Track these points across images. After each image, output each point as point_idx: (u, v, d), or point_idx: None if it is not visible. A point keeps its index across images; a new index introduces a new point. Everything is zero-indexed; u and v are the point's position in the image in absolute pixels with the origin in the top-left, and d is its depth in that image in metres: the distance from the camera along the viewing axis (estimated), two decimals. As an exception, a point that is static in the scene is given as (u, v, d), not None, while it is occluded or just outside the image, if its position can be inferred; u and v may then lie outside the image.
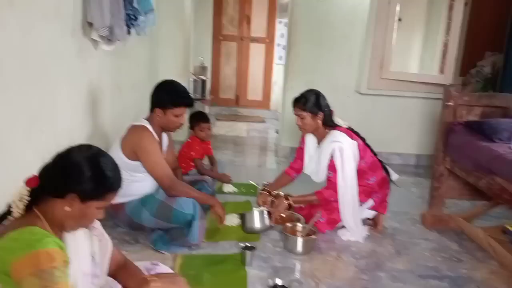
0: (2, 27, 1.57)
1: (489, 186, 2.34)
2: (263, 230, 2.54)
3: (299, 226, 2.51)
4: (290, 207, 2.64)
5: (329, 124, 2.64)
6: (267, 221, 2.54)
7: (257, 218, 2.52)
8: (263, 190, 2.80)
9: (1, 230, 1.12)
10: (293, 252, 2.34)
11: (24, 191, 1.14)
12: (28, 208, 1.16)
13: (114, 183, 1.23)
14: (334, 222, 2.62)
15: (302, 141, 2.83)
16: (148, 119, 2.38)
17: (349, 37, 4.33)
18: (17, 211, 1.14)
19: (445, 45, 4.33)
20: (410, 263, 2.35)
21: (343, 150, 2.52)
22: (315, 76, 4.29)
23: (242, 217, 2.56)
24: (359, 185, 2.59)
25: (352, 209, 2.55)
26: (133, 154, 2.27)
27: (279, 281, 1.88)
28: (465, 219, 2.78)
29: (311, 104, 2.60)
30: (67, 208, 1.16)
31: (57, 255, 1.07)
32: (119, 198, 2.26)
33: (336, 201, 2.57)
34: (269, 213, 2.58)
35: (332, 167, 2.56)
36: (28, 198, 1.14)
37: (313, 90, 2.68)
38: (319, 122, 2.62)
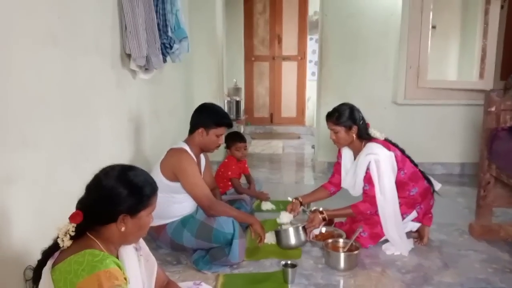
0: (46, 63, 1.69)
1: (540, 193, 2.22)
2: (299, 246, 2.52)
3: (341, 241, 2.47)
4: (324, 220, 2.61)
5: (365, 137, 2.61)
6: (302, 237, 2.50)
7: (292, 234, 2.48)
8: (295, 198, 2.79)
9: (60, 257, 1.18)
10: (335, 269, 2.30)
11: (70, 226, 1.19)
12: (80, 233, 1.21)
13: (150, 187, 1.29)
14: (377, 237, 2.56)
15: (339, 155, 2.81)
16: (187, 142, 2.46)
17: (383, 49, 4.29)
18: (65, 245, 1.18)
19: (483, 50, 4.20)
20: (460, 276, 2.25)
21: (379, 162, 2.48)
22: (349, 90, 4.26)
23: (277, 234, 2.53)
24: (400, 197, 2.53)
25: (395, 222, 2.49)
26: (173, 175, 2.34)
27: (322, 298, 1.85)
28: (516, 228, 2.65)
29: (344, 118, 2.58)
30: (123, 229, 1.22)
31: (118, 274, 1.13)
32: (161, 220, 2.37)
33: (374, 214, 2.53)
34: (304, 228, 2.54)
35: (368, 180, 2.53)
36: (74, 233, 1.19)
37: (347, 103, 2.67)
38: (354, 135, 2.60)
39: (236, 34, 6.72)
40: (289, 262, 2.21)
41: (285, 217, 2.66)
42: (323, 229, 2.67)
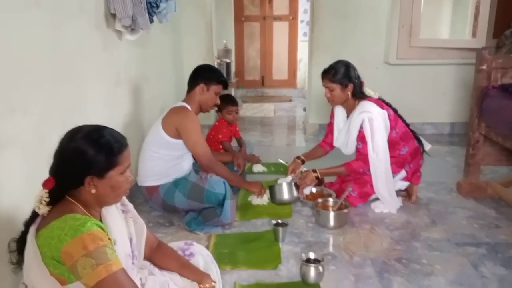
0: (30, 27, 1.63)
1: (527, 150, 2.25)
2: (291, 202, 2.61)
3: (331, 201, 2.51)
4: (317, 179, 2.64)
5: (359, 95, 2.59)
6: (295, 193, 2.59)
7: (286, 190, 2.59)
8: (297, 158, 2.81)
9: (42, 222, 1.17)
10: (325, 227, 2.35)
11: (43, 193, 1.17)
12: (60, 198, 1.20)
13: (118, 145, 1.21)
14: (366, 195, 2.60)
15: (332, 115, 2.80)
16: (186, 101, 2.50)
17: (375, 7, 4.20)
18: (42, 212, 1.17)
19: (477, 8, 4.13)
20: (447, 232, 2.31)
21: (372, 120, 2.48)
22: (341, 50, 4.19)
23: (271, 189, 2.61)
24: (391, 156, 2.54)
25: (386, 180, 2.52)
26: (175, 132, 2.38)
27: (312, 255, 1.89)
28: (503, 185, 2.70)
29: (340, 76, 2.56)
30: (93, 191, 1.19)
31: (102, 235, 1.12)
32: (154, 181, 2.39)
33: (366, 172, 2.55)
34: (297, 186, 2.61)
35: (361, 138, 2.53)
36: (48, 200, 1.17)
37: (343, 61, 2.63)
38: (349, 94, 2.58)
39: (225, -7, 6.51)
40: (280, 221, 2.25)
41: (286, 180, 2.69)
42: (314, 189, 2.70)
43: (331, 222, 2.33)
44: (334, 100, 2.62)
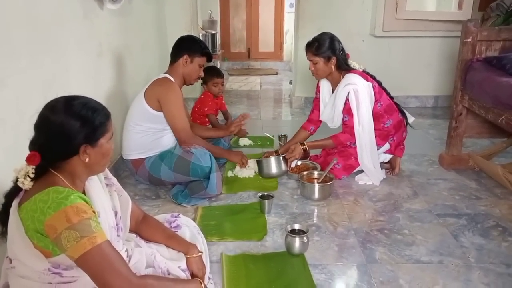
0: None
1: (509, 122, 2.28)
2: (279, 175, 2.63)
3: (316, 173, 2.54)
4: (305, 152, 2.64)
5: (344, 68, 2.58)
6: (283, 166, 2.60)
7: (273, 163, 2.60)
8: (275, 151, 2.81)
9: (25, 196, 1.16)
10: (310, 199, 2.38)
11: (29, 168, 1.15)
12: (43, 172, 1.19)
13: (103, 113, 1.23)
14: (351, 168, 2.63)
15: (318, 90, 2.79)
16: (169, 73, 2.45)
17: (361, -21, 4.14)
18: (26, 187, 1.16)
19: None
20: (428, 203, 2.36)
21: (358, 92, 2.48)
22: (327, 22, 4.15)
23: (259, 163, 2.62)
24: (376, 129, 2.57)
25: (370, 152, 2.55)
26: (157, 104, 2.34)
27: (297, 226, 1.92)
28: (484, 157, 2.76)
29: (324, 49, 2.53)
30: (87, 159, 1.19)
31: (86, 207, 1.12)
32: (140, 154, 2.38)
33: (352, 145, 2.57)
34: (285, 159, 2.62)
35: (347, 111, 2.54)
36: (33, 175, 1.15)
37: (327, 33, 2.60)
38: (332, 67, 2.56)
39: (210, -37, 6.33)
40: (266, 193, 2.27)
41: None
42: (299, 162, 2.72)
43: (316, 194, 2.37)
44: (318, 73, 2.61)
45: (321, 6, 4.18)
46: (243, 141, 3.30)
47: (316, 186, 2.38)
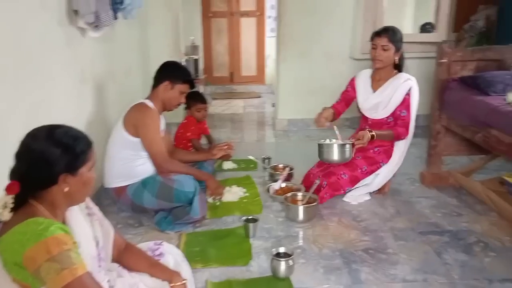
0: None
1: (485, 140, 2.35)
2: (341, 162, 2.55)
3: (300, 195, 2.55)
4: (372, 138, 2.51)
5: (399, 67, 2.66)
6: (347, 154, 2.49)
7: (336, 150, 2.49)
8: (327, 107, 2.72)
9: (4, 228, 1.14)
10: (295, 221, 2.38)
11: (8, 198, 1.14)
12: (22, 202, 1.17)
13: (84, 141, 1.22)
14: (356, 180, 2.63)
15: (351, 84, 2.81)
16: (150, 98, 2.45)
17: (340, 3, 4.26)
18: (5, 218, 1.14)
19: (437, 2, 4.26)
20: (411, 221, 2.39)
21: (416, 91, 2.60)
22: (308, 45, 4.25)
23: (320, 147, 2.55)
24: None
25: (401, 154, 2.68)
26: (134, 130, 2.33)
27: (282, 249, 1.92)
28: (463, 174, 2.82)
29: (398, 38, 2.59)
30: (66, 189, 1.18)
31: (66, 239, 1.10)
32: (122, 181, 2.35)
33: (375, 149, 2.68)
34: (352, 145, 2.50)
35: (406, 106, 2.60)
36: (12, 205, 1.14)
37: (395, 26, 2.66)
38: (396, 59, 2.61)
39: (192, -11, 6.44)
40: (250, 217, 2.27)
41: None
42: (283, 184, 2.74)
43: (300, 216, 2.37)
44: (384, 60, 2.59)
45: (301, 30, 4.27)
46: (227, 165, 3.30)
47: (301, 208, 2.38)
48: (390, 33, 2.57)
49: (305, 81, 4.32)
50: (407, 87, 2.58)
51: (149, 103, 2.40)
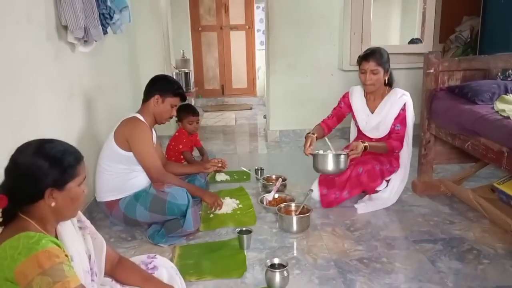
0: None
1: (474, 148, 2.38)
2: (336, 173, 2.56)
3: (293, 205, 2.55)
4: (365, 149, 2.56)
5: (390, 83, 2.71)
6: (342, 164, 2.51)
7: (330, 161, 2.50)
8: (311, 133, 2.68)
9: None
10: (289, 231, 2.38)
11: None
12: (13, 216, 1.16)
13: (73, 156, 1.21)
14: (382, 176, 2.70)
15: (344, 101, 2.83)
16: (140, 112, 2.45)
17: (328, 15, 4.32)
18: None
19: (423, 14, 4.34)
20: (404, 230, 2.40)
21: (410, 105, 2.65)
22: (297, 57, 4.30)
23: (315, 157, 2.55)
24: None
25: (405, 168, 2.73)
26: (126, 144, 2.32)
27: (276, 260, 1.91)
28: (454, 182, 2.84)
29: (386, 59, 2.61)
30: (53, 204, 1.16)
31: (58, 252, 1.09)
32: (114, 195, 2.33)
33: (397, 153, 2.71)
34: (347, 156, 2.53)
35: (401, 120, 2.65)
36: (1, 219, 1.13)
37: (380, 47, 2.69)
38: (386, 79, 2.65)
39: (181, 3, 6.47)
40: (244, 228, 2.26)
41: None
42: (276, 195, 2.74)
43: (294, 227, 2.37)
44: (376, 84, 2.63)
45: (290, 43, 4.32)
46: (220, 177, 3.29)
47: (294, 218, 2.38)
48: (377, 56, 2.60)
49: (295, 93, 4.35)
50: (402, 103, 2.64)
51: (140, 117, 2.40)
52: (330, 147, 2.58)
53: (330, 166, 2.51)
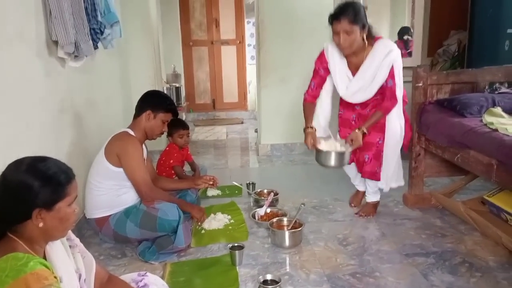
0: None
1: (464, 160, 2.39)
2: (339, 167, 2.61)
3: (285, 220, 2.54)
4: (364, 135, 2.47)
5: (371, 36, 2.38)
6: (346, 159, 2.53)
7: (334, 157, 2.48)
8: (308, 127, 2.57)
9: None
10: (281, 247, 2.36)
11: None
12: (1, 235, 1.14)
13: (65, 175, 1.18)
14: (380, 155, 2.59)
15: (321, 66, 2.56)
16: (131, 127, 2.44)
17: (318, 29, 4.34)
18: None
19: (411, 27, 4.42)
20: (396, 243, 2.39)
21: (399, 57, 2.39)
22: (288, 72, 4.32)
23: (318, 152, 2.52)
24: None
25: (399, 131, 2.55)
26: (117, 159, 2.30)
27: (269, 277, 1.89)
28: (445, 195, 2.85)
29: (361, 15, 2.27)
30: (40, 224, 1.14)
31: (47, 274, 1.07)
32: (104, 211, 2.31)
33: (391, 111, 2.48)
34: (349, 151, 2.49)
35: (392, 75, 2.40)
36: None
37: (353, 1, 2.37)
38: (364, 36, 2.32)
39: (172, 18, 6.52)
40: (236, 244, 2.24)
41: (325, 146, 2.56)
42: (268, 210, 2.72)
43: (287, 242, 2.35)
44: (352, 45, 2.31)
45: (280, 57, 4.35)
46: (211, 192, 3.27)
47: (287, 233, 2.36)
48: (350, 14, 2.25)
49: (286, 107, 4.37)
50: (390, 63, 2.36)
51: (131, 132, 2.39)
52: (330, 134, 2.56)
53: (333, 162, 2.50)
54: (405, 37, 4.38)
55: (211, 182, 2.64)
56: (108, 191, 2.32)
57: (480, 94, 2.68)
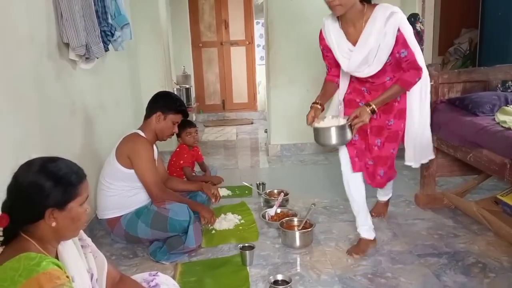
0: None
1: (477, 160, 2.36)
2: (341, 145, 2.24)
3: (296, 220, 2.53)
4: (373, 113, 2.10)
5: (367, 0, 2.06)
6: (348, 135, 2.11)
7: (334, 133, 2.09)
8: (315, 103, 2.25)
9: None
10: (292, 247, 2.35)
11: None
12: (14, 235, 1.15)
13: (76, 175, 1.19)
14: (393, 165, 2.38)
15: (323, 44, 2.28)
16: (142, 128, 2.45)
17: (326, 29, 4.36)
18: None
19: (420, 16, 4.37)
20: (408, 244, 2.37)
21: (404, 23, 2.03)
22: (297, 72, 4.31)
23: (316, 130, 2.16)
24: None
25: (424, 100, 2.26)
26: (128, 161, 2.32)
27: (280, 277, 1.89)
28: (457, 195, 2.82)
29: None
30: (53, 224, 1.15)
31: (59, 273, 1.08)
32: (116, 212, 2.32)
33: (414, 84, 2.14)
34: (350, 126, 2.11)
35: (403, 44, 2.03)
36: (2, 238, 1.12)
37: None
38: None
39: (181, 20, 6.56)
40: (246, 244, 2.24)
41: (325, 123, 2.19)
42: (278, 210, 2.72)
43: (297, 242, 2.34)
44: (344, 3, 1.97)
45: (290, 57, 4.34)
46: (222, 192, 3.26)
47: (297, 233, 2.36)
48: None
49: (296, 107, 4.35)
50: (395, 26, 1.99)
51: (141, 133, 2.41)
52: (340, 111, 2.29)
53: (332, 138, 2.11)
54: (417, 27, 4.20)
55: (213, 199, 2.60)
56: (119, 192, 2.34)
57: (492, 93, 2.65)
